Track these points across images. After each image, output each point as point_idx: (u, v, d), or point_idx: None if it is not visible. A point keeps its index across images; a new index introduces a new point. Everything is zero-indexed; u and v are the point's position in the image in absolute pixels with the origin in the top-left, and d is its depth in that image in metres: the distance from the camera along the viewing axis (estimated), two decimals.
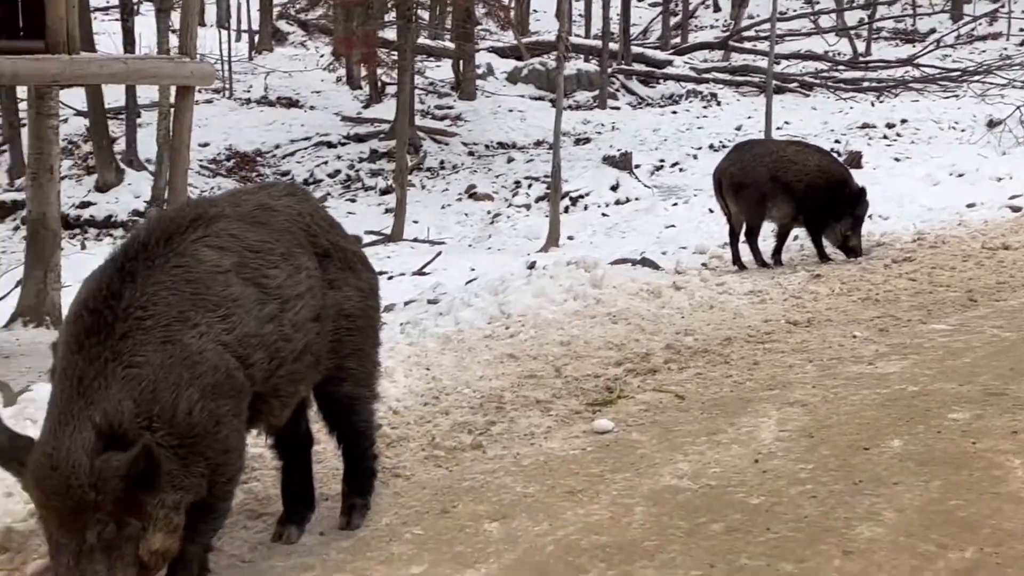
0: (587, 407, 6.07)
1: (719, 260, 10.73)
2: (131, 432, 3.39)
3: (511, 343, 7.26)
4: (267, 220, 4.13)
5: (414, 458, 5.36)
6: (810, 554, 4.06)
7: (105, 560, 3.32)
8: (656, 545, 4.22)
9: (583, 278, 8.45)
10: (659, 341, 7.34)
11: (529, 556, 4.19)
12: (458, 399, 6.23)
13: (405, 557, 4.24)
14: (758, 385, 6.32)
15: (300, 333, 4.00)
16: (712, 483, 4.83)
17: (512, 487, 4.93)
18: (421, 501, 4.82)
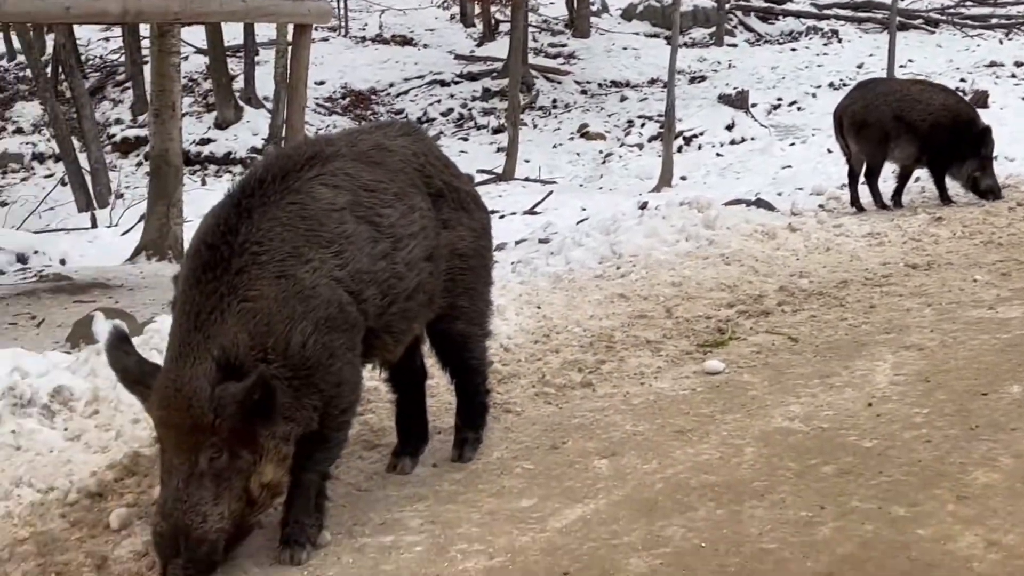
0: (698, 348, 6.06)
1: (836, 202, 10.52)
2: (247, 364, 3.50)
3: (622, 283, 7.26)
4: (382, 160, 4.19)
5: (524, 395, 5.43)
6: (923, 498, 4.01)
7: (213, 488, 3.44)
8: (766, 486, 4.22)
9: (696, 219, 8.39)
10: (773, 283, 7.27)
11: (637, 493, 4.23)
12: (568, 338, 6.27)
13: (515, 490, 4.32)
14: (874, 328, 6.23)
15: (413, 272, 4.07)
16: (824, 426, 4.79)
17: (621, 425, 4.96)
18: (531, 437, 4.89)
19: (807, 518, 3.91)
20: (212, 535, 3.44)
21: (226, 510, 3.46)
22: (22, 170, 22.80)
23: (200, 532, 3.42)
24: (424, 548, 3.83)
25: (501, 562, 3.69)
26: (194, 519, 3.41)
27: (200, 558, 3.43)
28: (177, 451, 3.46)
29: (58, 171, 20.87)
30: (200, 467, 3.43)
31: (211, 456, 3.43)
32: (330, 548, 3.85)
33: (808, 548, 3.68)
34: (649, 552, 3.71)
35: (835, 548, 3.67)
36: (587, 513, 4.07)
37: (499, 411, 5.17)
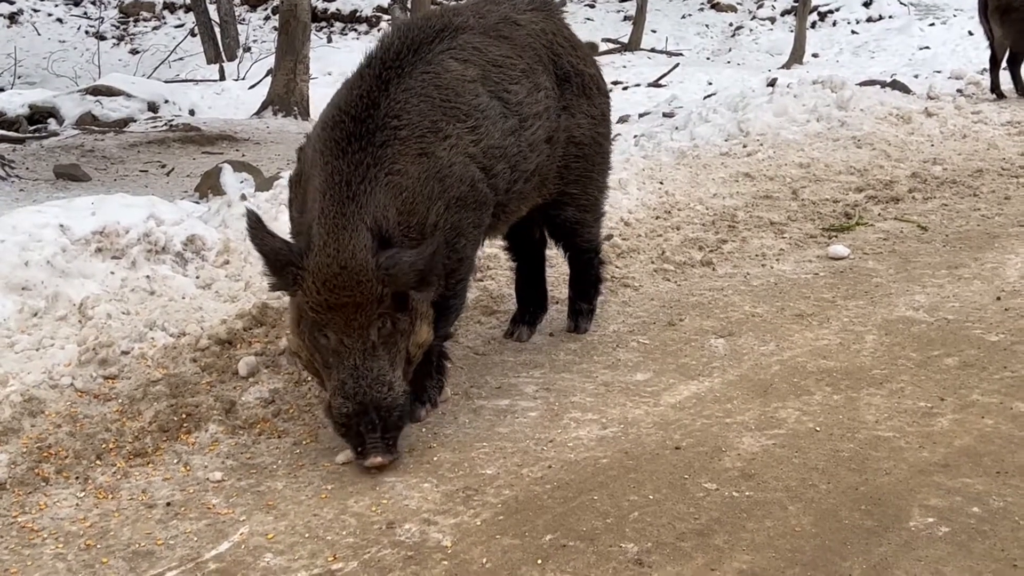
0: (823, 232, 5.96)
1: (976, 87, 10.12)
2: (395, 238, 3.49)
3: (747, 162, 7.14)
4: (510, 34, 4.09)
5: (643, 270, 5.42)
6: None
7: (388, 356, 3.46)
8: (885, 374, 4.18)
9: (828, 98, 8.15)
10: (904, 169, 7.07)
11: (753, 374, 4.23)
12: (690, 215, 6.22)
13: (630, 364, 4.35)
14: (1008, 220, 6.04)
15: (535, 153, 4.02)
16: (949, 317, 4.71)
17: (740, 306, 4.94)
18: (648, 312, 4.90)
19: (926, 408, 3.88)
20: (401, 399, 3.46)
21: (401, 372, 3.50)
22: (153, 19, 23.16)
23: (391, 400, 3.42)
24: (538, 414, 3.90)
25: (613, 432, 3.75)
26: (382, 390, 3.41)
27: (395, 424, 3.46)
28: (348, 330, 3.42)
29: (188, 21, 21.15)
30: (372, 340, 3.42)
31: (380, 326, 3.43)
32: (447, 408, 3.95)
33: (924, 438, 3.66)
34: (762, 432, 3.73)
35: (952, 440, 3.64)
36: (701, 390, 4.09)
37: (617, 285, 5.19)
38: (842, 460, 3.52)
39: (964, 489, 3.32)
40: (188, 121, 12.72)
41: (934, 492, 3.31)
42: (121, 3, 24.09)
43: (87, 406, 3.85)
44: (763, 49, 17.85)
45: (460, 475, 3.46)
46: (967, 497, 3.27)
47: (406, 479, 3.43)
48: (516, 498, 3.30)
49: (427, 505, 3.27)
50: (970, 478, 3.38)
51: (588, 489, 3.35)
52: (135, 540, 3.09)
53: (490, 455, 3.59)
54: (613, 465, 3.51)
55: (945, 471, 3.43)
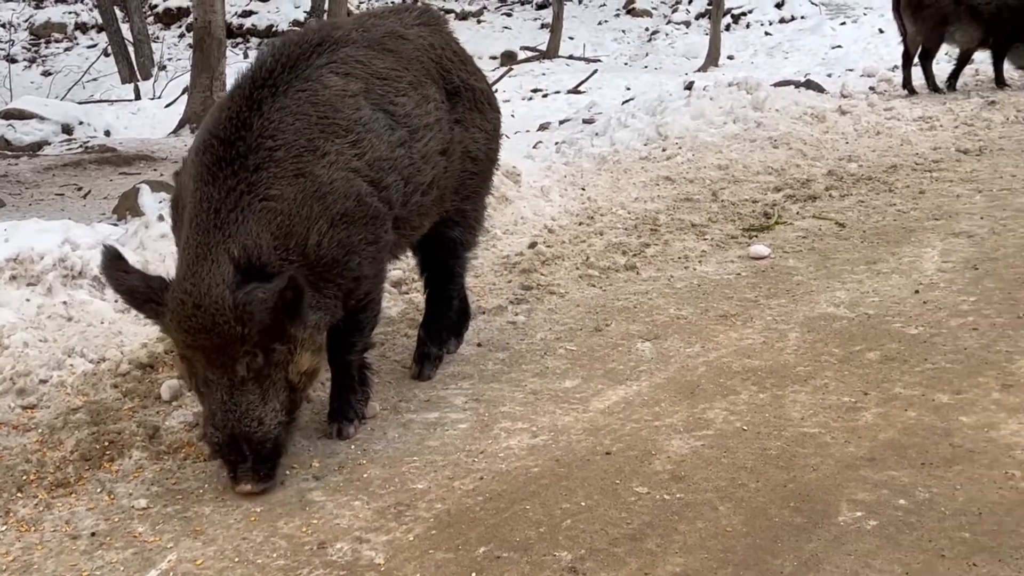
0: (743, 232, 6.02)
1: (888, 84, 10.32)
2: (271, 264, 3.40)
3: (667, 165, 7.20)
4: (396, 48, 4.01)
5: (568, 276, 5.44)
6: (967, 386, 4.01)
7: (258, 390, 3.37)
8: (809, 371, 4.23)
9: (744, 100, 8.25)
10: (821, 167, 7.18)
11: (680, 376, 4.26)
12: (612, 220, 6.25)
13: (559, 371, 4.36)
14: (923, 215, 6.16)
15: (429, 165, 3.93)
16: (869, 312, 4.78)
17: (665, 308, 4.97)
18: (575, 318, 4.91)
19: (850, 403, 3.93)
20: (273, 432, 3.39)
21: (276, 404, 3.39)
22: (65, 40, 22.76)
23: (261, 435, 3.36)
24: (468, 425, 3.89)
25: (544, 440, 3.74)
26: (251, 425, 3.34)
27: (267, 457, 3.39)
28: (212, 367, 3.33)
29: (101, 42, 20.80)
30: (240, 375, 3.34)
31: (247, 362, 3.33)
32: (376, 424, 3.92)
33: (850, 433, 3.70)
34: (691, 434, 3.75)
35: (877, 433, 3.69)
36: (629, 395, 4.10)
37: (543, 293, 5.20)
38: (770, 458, 3.56)
39: (890, 482, 3.36)
40: (104, 142, 12.50)
41: (861, 486, 3.35)
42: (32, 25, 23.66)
43: (6, 437, 3.76)
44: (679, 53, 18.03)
45: (391, 491, 3.43)
46: (893, 490, 3.32)
47: (336, 498, 3.39)
48: (448, 511, 3.28)
49: (358, 523, 3.23)
50: (896, 471, 3.43)
51: (520, 499, 3.34)
52: (60, 573, 3.02)
53: (421, 469, 3.57)
54: (545, 473, 3.50)
55: (871, 465, 3.48)
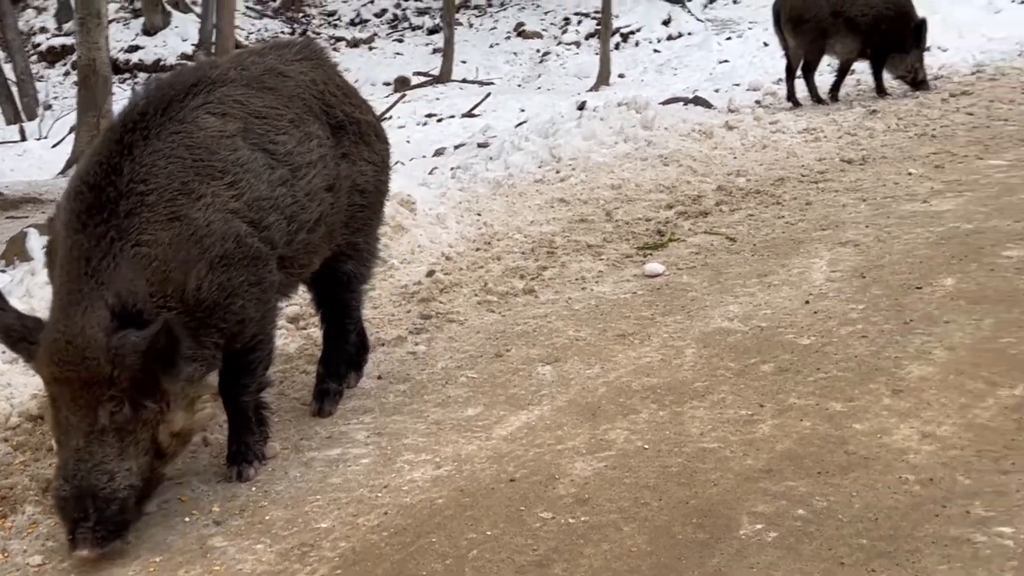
0: (638, 251, 6.09)
1: (773, 97, 10.55)
2: (147, 310, 3.32)
3: (562, 187, 7.26)
4: (276, 85, 3.96)
5: (467, 303, 5.44)
6: (859, 393, 4.10)
7: (117, 444, 3.25)
8: (706, 386, 4.29)
9: (634, 119, 8.36)
10: (711, 183, 7.31)
11: (581, 398, 4.29)
12: (510, 244, 6.28)
13: (461, 400, 4.36)
14: (810, 225, 6.30)
15: (314, 202, 3.88)
16: (763, 324, 4.87)
17: (564, 331, 5.00)
18: (475, 345, 4.92)
19: (747, 416, 3.99)
20: (121, 493, 3.24)
21: (134, 465, 3.27)
22: None
23: (108, 491, 3.21)
24: (371, 460, 3.86)
25: (448, 471, 3.74)
26: (101, 478, 3.20)
27: (110, 518, 3.21)
28: (74, 408, 3.22)
29: None
30: (101, 423, 3.22)
31: (112, 410, 3.23)
32: (277, 463, 3.87)
33: (748, 446, 3.76)
34: (593, 455, 3.78)
35: (774, 445, 3.76)
36: (532, 419, 4.12)
37: (442, 321, 5.19)
38: (671, 475, 3.60)
39: (788, 493, 3.43)
40: None
41: (761, 498, 3.41)
42: None
43: None
44: (571, 73, 18.20)
45: (294, 532, 3.39)
46: (792, 500, 3.38)
47: (238, 542, 3.34)
48: (353, 549, 3.25)
49: (261, 567, 3.19)
50: (793, 481, 3.50)
51: (426, 532, 3.33)
52: None
53: (324, 508, 3.53)
54: (449, 504, 3.50)
55: (769, 476, 3.54)
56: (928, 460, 3.56)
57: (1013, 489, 3.32)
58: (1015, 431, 3.69)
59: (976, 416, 3.82)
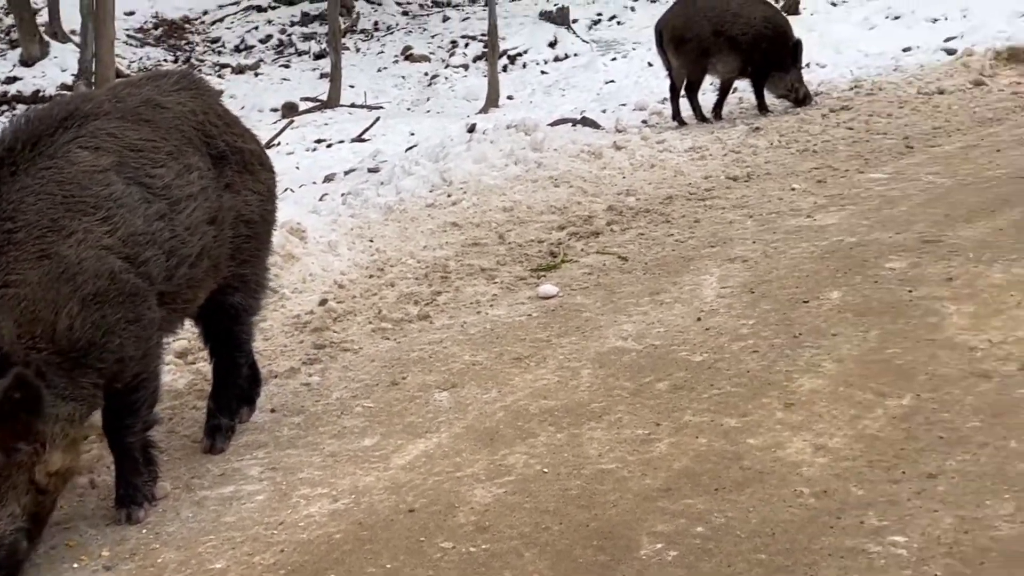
0: (531, 273, 6.10)
1: (659, 116, 10.69)
2: (15, 354, 3.21)
3: (454, 211, 7.24)
4: (153, 117, 3.87)
5: (361, 331, 5.38)
6: (753, 408, 4.16)
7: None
8: (603, 407, 4.30)
9: (523, 142, 8.39)
10: (601, 203, 7.36)
11: (479, 423, 4.26)
12: (403, 270, 6.23)
13: (357, 430, 4.30)
14: (699, 243, 6.38)
15: (195, 236, 3.79)
16: (656, 343, 4.90)
17: (460, 356, 4.98)
18: (370, 374, 4.86)
19: (644, 436, 4.01)
20: (8, 539, 3.18)
21: (16, 508, 3.19)
22: None
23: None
24: (266, 496, 3.78)
25: (345, 504, 3.68)
26: None
27: (1, 563, 3.16)
28: None
29: None
30: None
31: None
32: (169, 503, 3.77)
33: (646, 465, 3.78)
34: (492, 482, 3.75)
35: (671, 463, 3.78)
36: (430, 448, 4.08)
37: (336, 350, 5.13)
38: (571, 498, 3.59)
39: (687, 511, 3.45)
40: None
41: (660, 518, 3.42)
42: None
43: None
44: (460, 95, 18.20)
45: (188, 574, 3.30)
46: (690, 518, 3.40)
47: None
48: None
49: None
50: (691, 499, 3.52)
51: (324, 568, 3.27)
52: None
53: (218, 548, 3.45)
54: (348, 539, 3.44)
55: (668, 495, 3.56)
56: (821, 472, 3.62)
57: (904, 498, 3.39)
58: (904, 440, 3.77)
59: (866, 427, 3.90)
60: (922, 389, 4.16)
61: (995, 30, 13.13)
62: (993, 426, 3.79)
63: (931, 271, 5.40)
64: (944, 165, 7.64)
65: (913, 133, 8.83)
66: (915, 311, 4.93)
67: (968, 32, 13.44)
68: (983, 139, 8.33)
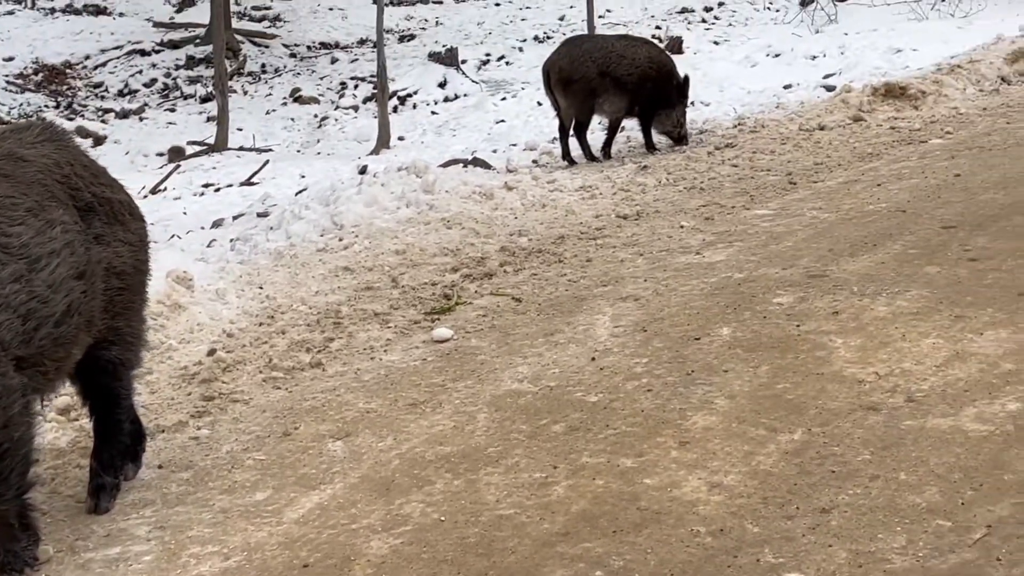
0: (426, 316, 6.06)
1: (549, 156, 10.76)
2: None
3: (345, 255, 7.17)
4: (13, 172, 3.74)
5: (252, 381, 5.28)
6: (648, 447, 4.16)
7: None
8: (500, 451, 4.27)
9: (415, 184, 8.36)
10: (494, 244, 7.36)
11: (374, 472, 4.19)
12: (294, 317, 6.14)
13: (248, 484, 4.20)
14: (592, 282, 6.41)
15: (60, 293, 3.66)
16: (552, 384, 4.90)
17: (354, 404, 4.91)
18: (262, 425, 4.76)
19: (541, 479, 3.99)
20: None
21: None
22: None
23: None
24: (154, 557, 3.66)
25: (237, 562, 3.58)
26: None
27: None
28: None
29: None
30: None
31: None
32: (52, 568, 3.63)
33: (544, 510, 3.76)
34: (389, 532, 3.69)
35: (570, 507, 3.76)
36: (324, 499, 4.00)
37: (226, 402, 5.02)
38: (469, 547, 3.55)
39: (586, 555, 3.43)
40: None
41: (559, 563, 3.40)
42: None
43: None
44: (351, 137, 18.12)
45: None
46: (589, 562, 3.38)
47: None
48: None
49: None
50: (590, 542, 3.51)
51: None
52: None
53: None
54: None
55: (566, 539, 3.54)
56: (717, 510, 3.63)
57: (799, 534, 3.42)
58: (797, 475, 3.81)
59: (760, 463, 3.94)
60: (813, 423, 4.21)
61: (872, 66, 13.58)
62: (883, 459, 3.86)
63: (818, 305, 5.50)
64: (827, 200, 7.81)
65: (796, 169, 9.02)
66: (803, 345, 5.01)
67: (846, 69, 13.87)
68: (863, 174, 8.55)
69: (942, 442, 3.93)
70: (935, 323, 5.06)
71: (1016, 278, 5.54)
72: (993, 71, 11.92)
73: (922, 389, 4.39)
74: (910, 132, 10.09)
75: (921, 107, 10.93)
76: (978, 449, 3.85)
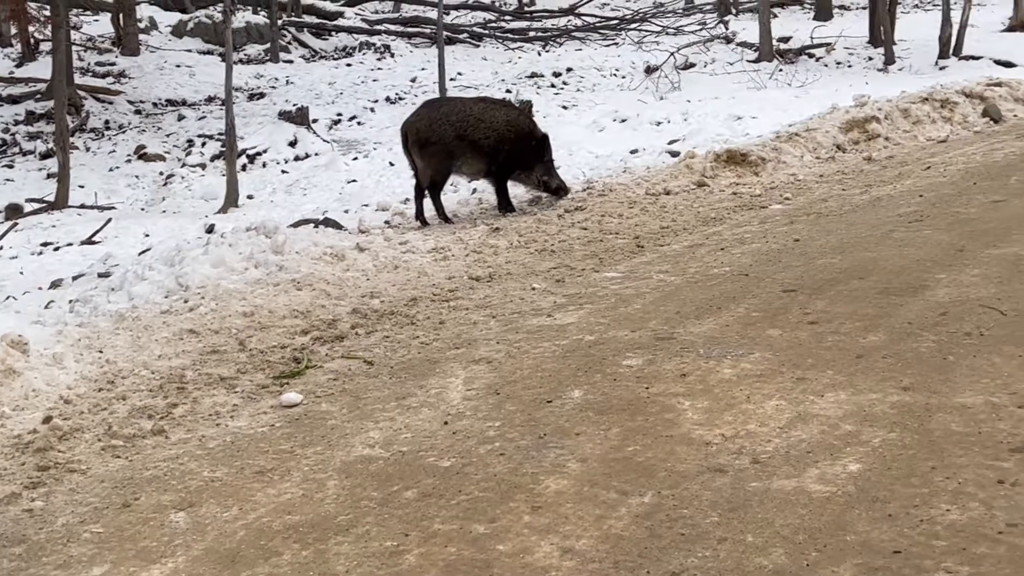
0: (274, 380, 5.93)
1: (402, 217, 10.73)
2: None
3: (191, 317, 6.98)
4: None
5: (90, 450, 5.06)
6: (501, 512, 4.14)
7: None
8: (350, 519, 4.19)
9: (264, 244, 8.23)
10: (345, 306, 7.28)
11: (219, 544, 4.06)
12: (136, 382, 5.93)
13: (85, 559, 4.01)
14: (445, 344, 6.39)
15: None
16: (404, 449, 4.84)
17: (198, 472, 4.75)
18: (100, 496, 4.57)
19: (392, 548, 3.92)
20: None
21: None
22: None
23: None
24: None
25: None
26: None
27: None
28: None
29: None
30: None
31: None
32: None
33: None
34: None
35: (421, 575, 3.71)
36: (165, 573, 3.85)
37: (61, 472, 4.80)
38: None
39: None
40: None
41: None
42: None
43: None
44: (198, 195, 17.77)
45: None
46: None
47: None
48: None
49: None
50: None
51: None
52: None
53: None
54: None
55: None
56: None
57: None
58: (647, 539, 3.84)
59: (611, 527, 3.95)
60: (662, 486, 4.26)
61: (714, 133, 14.03)
62: (730, 520, 3.92)
63: (666, 367, 5.59)
64: (673, 263, 7.98)
65: (643, 232, 9.21)
66: (652, 407, 5.08)
67: (690, 135, 14.29)
68: (708, 238, 8.78)
69: (787, 503, 4.02)
70: (778, 385, 5.20)
71: (854, 341, 5.75)
72: (829, 139, 12.45)
73: (767, 451, 4.49)
74: (751, 197, 10.43)
75: (761, 173, 11.32)
76: (821, 510, 3.95)
